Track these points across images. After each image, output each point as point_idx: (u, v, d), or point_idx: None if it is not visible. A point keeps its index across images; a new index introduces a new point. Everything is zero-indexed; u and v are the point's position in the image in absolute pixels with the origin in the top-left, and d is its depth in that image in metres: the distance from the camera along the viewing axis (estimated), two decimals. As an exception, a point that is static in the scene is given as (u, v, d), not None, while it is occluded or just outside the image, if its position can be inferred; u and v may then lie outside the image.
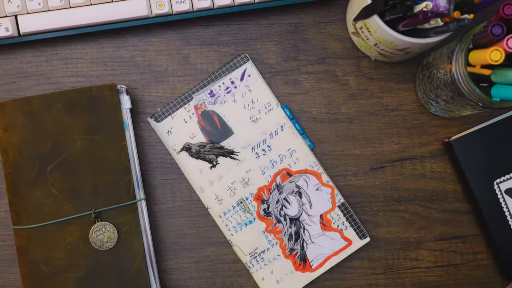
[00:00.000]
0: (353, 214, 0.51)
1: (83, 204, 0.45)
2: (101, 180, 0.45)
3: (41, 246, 0.44)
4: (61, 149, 0.45)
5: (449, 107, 0.48)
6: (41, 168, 0.44)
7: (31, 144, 0.44)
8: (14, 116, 0.44)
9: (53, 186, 0.44)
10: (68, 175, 0.45)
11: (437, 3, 0.40)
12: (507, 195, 0.51)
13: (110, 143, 0.45)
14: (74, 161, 0.45)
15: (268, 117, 0.52)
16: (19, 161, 0.44)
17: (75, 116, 0.45)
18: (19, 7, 0.48)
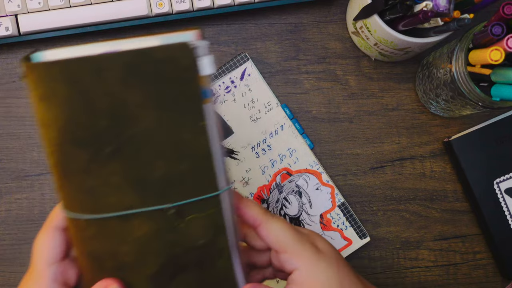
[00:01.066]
0: (353, 213, 0.51)
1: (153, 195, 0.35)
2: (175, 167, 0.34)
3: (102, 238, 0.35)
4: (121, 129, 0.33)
5: (449, 106, 0.48)
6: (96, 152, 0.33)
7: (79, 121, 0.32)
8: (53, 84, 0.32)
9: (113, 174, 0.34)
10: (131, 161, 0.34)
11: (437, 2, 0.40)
12: (507, 194, 0.51)
13: (186, 122, 0.33)
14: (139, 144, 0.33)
15: (268, 117, 0.52)
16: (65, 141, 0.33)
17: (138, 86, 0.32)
18: (19, 6, 0.49)
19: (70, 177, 0.34)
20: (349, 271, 0.38)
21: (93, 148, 0.33)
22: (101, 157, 0.33)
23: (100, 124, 0.32)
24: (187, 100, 0.33)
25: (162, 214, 0.35)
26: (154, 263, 0.36)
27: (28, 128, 0.52)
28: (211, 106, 0.33)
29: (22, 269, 0.51)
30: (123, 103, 0.32)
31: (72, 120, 0.32)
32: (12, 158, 0.52)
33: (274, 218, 0.38)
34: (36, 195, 0.52)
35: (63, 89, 0.31)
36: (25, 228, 0.51)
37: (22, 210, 0.51)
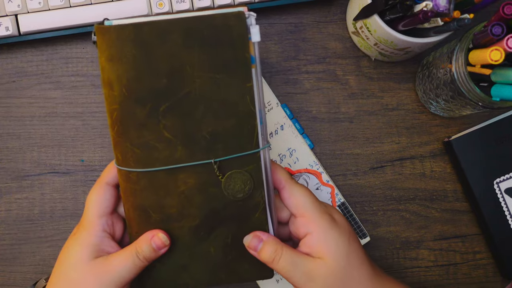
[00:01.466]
0: (353, 213, 0.51)
1: (200, 150, 0.38)
2: (221, 125, 0.38)
3: (150, 191, 0.39)
4: (177, 88, 0.37)
5: (449, 106, 0.48)
6: (153, 108, 0.37)
7: (141, 79, 0.37)
8: (121, 45, 0.36)
9: (166, 129, 0.38)
10: (183, 118, 0.37)
11: (437, 2, 0.40)
12: (507, 194, 0.51)
13: (234, 83, 0.37)
14: (191, 102, 0.37)
15: (268, 117, 0.52)
16: (127, 99, 0.37)
17: (194, 49, 0.36)
18: (19, 6, 0.49)
19: (127, 133, 0.38)
20: (358, 246, 0.40)
21: (151, 104, 0.37)
22: (157, 113, 0.37)
23: (160, 83, 0.37)
24: (237, 63, 0.37)
25: (207, 168, 0.38)
26: (196, 216, 0.39)
27: (28, 128, 0.52)
28: (256, 70, 0.38)
29: (22, 269, 0.51)
30: (181, 64, 0.37)
31: (135, 79, 0.37)
32: (12, 158, 0.52)
33: (298, 184, 0.41)
34: (36, 195, 0.52)
35: (131, 50, 0.36)
36: (25, 228, 0.51)
37: (22, 210, 0.51)
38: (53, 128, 0.52)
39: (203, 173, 0.39)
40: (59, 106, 0.52)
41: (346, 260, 0.38)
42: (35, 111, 0.52)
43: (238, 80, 0.37)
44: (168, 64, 0.37)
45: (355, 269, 0.38)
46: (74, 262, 0.38)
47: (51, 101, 0.52)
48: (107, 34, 0.36)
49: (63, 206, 0.52)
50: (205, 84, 0.37)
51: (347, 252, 0.38)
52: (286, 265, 0.38)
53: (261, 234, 0.39)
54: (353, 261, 0.38)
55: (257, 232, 0.40)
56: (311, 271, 0.38)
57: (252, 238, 0.39)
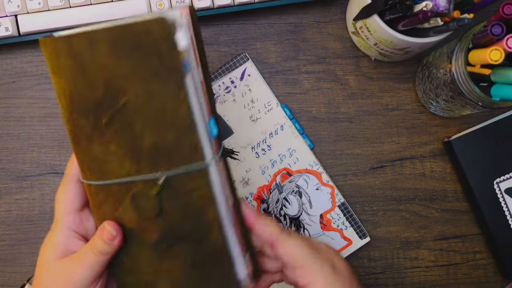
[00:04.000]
0: (353, 213, 0.51)
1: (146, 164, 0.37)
2: (162, 138, 0.36)
3: (108, 205, 0.38)
4: (113, 99, 0.36)
5: (449, 106, 0.48)
6: (96, 120, 0.36)
7: (80, 91, 0.36)
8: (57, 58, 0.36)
9: (111, 142, 0.36)
10: (125, 130, 0.36)
11: (437, 2, 0.40)
12: (507, 194, 0.51)
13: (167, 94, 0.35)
14: (129, 114, 0.36)
15: (268, 117, 0.52)
16: (72, 111, 0.37)
17: (123, 59, 0.35)
18: (19, 6, 0.49)
19: (80, 145, 0.37)
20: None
21: (93, 117, 0.36)
22: (100, 125, 0.36)
23: (97, 95, 0.36)
24: (167, 71, 0.35)
25: (155, 183, 0.37)
26: (153, 232, 0.38)
27: (27, 129, 0.52)
28: (192, 78, 0.35)
29: (22, 269, 0.51)
30: (113, 75, 0.35)
31: (75, 91, 0.36)
32: (12, 158, 0.52)
33: (290, 234, 0.39)
34: (36, 195, 0.52)
35: (66, 62, 0.36)
36: (25, 229, 0.51)
37: (22, 210, 0.51)
38: (53, 128, 0.52)
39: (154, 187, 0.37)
40: (58, 107, 0.52)
41: None
42: (35, 112, 0.52)
43: (170, 89, 0.35)
44: (101, 75, 0.35)
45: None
46: (43, 263, 0.38)
47: (51, 101, 0.52)
48: (47, 47, 0.36)
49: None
50: (139, 96, 0.35)
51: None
52: None
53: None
54: None
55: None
56: None
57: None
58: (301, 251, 0.38)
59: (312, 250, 0.38)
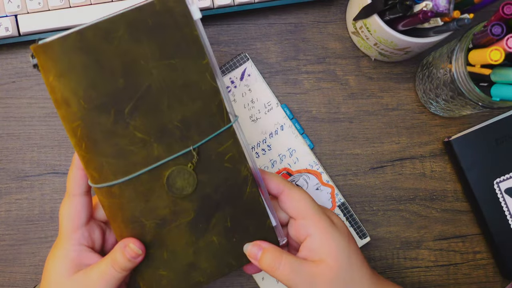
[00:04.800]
0: (353, 213, 0.51)
1: (176, 141, 0.37)
2: (189, 109, 0.37)
3: (138, 199, 0.37)
4: (136, 84, 0.36)
5: (449, 106, 0.48)
6: (118, 112, 0.35)
7: (97, 86, 0.35)
8: (68, 57, 0.34)
9: (137, 129, 0.36)
10: (151, 113, 0.36)
11: (437, 2, 0.40)
12: (507, 194, 0.51)
13: (190, 64, 0.37)
14: (154, 95, 0.36)
15: (268, 117, 0.52)
16: (88, 110, 0.35)
17: (143, 41, 0.35)
18: (19, 6, 0.49)
19: (97, 146, 0.36)
20: (357, 248, 0.40)
21: (114, 109, 0.35)
22: (124, 116, 0.36)
23: (118, 84, 0.35)
24: (188, 43, 0.36)
25: (189, 157, 0.37)
26: (190, 210, 0.38)
27: (27, 129, 0.52)
28: (207, 47, 0.37)
29: (22, 269, 0.51)
30: (134, 59, 0.35)
31: (92, 87, 0.35)
32: (12, 158, 0.52)
33: (296, 187, 0.40)
34: (36, 195, 0.52)
35: (80, 58, 0.34)
36: (25, 229, 0.51)
37: (22, 210, 0.51)
38: (53, 128, 0.52)
39: (185, 163, 0.37)
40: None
41: (348, 261, 0.38)
42: (35, 112, 0.52)
43: (193, 60, 0.37)
44: (120, 63, 0.35)
45: (356, 271, 0.38)
46: (56, 279, 0.38)
47: (50, 101, 0.52)
48: (49, 51, 0.34)
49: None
50: (163, 73, 0.36)
51: (348, 254, 0.38)
52: (286, 273, 0.37)
53: (261, 243, 0.39)
54: (354, 262, 0.38)
55: (257, 242, 0.39)
56: (313, 276, 0.37)
57: (252, 246, 0.39)
58: (304, 203, 0.39)
59: (314, 204, 0.40)
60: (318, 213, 0.39)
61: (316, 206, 0.40)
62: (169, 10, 0.36)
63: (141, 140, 0.36)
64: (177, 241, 0.39)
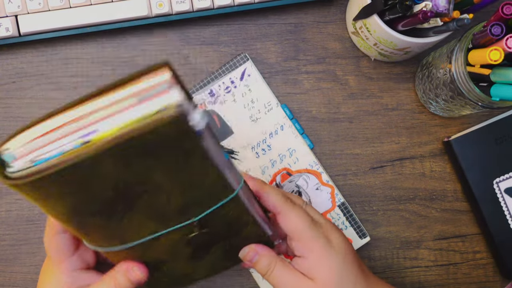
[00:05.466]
0: (353, 213, 0.51)
1: (174, 219, 0.35)
2: (190, 196, 0.33)
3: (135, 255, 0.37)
4: (129, 194, 0.31)
5: (448, 106, 0.48)
6: (111, 214, 0.32)
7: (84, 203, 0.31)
8: (46, 192, 0.29)
9: (132, 221, 0.33)
10: (148, 209, 0.33)
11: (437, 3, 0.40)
12: (507, 194, 0.51)
13: (191, 167, 0.31)
14: (151, 196, 0.32)
15: (268, 117, 0.52)
16: (74, 219, 0.32)
17: (136, 164, 0.29)
18: (19, 7, 0.49)
19: (89, 236, 0.34)
20: (353, 263, 0.39)
21: (105, 214, 0.32)
22: (117, 214, 0.32)
23: (107, 197, 0.30)
24: (189, 157, 0.30)
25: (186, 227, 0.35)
26: (188, 251, 0.38)
27: (28, 129, 0.52)
28: (206, 138, 0.29)
29: (22, 269, 0.51)
30: (125, 179, 0.30)
31: (76, 207, 0.31)
32: (12, 158, 0.52)
33: (294, 208, 0.40)
34: (36, 195, 0.52)
35: (60, 191, 0.29)
36: (25, 229, 0.51)
37: (22, 210, 0.52)
38: (53, 128, 0.52)
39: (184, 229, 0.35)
40: None
41: (339, 281, 0.38)
42: (35, 112, 0.52)
43: (195, 163, 0.30)
44: (109, 184, 0.30)
45: None
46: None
47: (51, 101, 0.52)
48: (23, 189, 0.28)
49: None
50: (160, 181, 0.31)
51: (340, 275, 0.38)
52: (277, 279, 0.38)
53: (257, 248, 0.39)
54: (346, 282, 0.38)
55: (252, 246, 0.40)
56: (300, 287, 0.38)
57: (248, 251, 0.39)
58: (299, 225, 0.39)
59: (310, 225, 0.39)
60: (313, 236, 0.39)
61: (313, 227, 0.39)
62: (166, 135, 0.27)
63: (138, 225, 0.34)
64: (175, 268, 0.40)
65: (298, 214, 0.39)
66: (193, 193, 0.33)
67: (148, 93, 0.26)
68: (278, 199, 0.40)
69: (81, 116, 0.26)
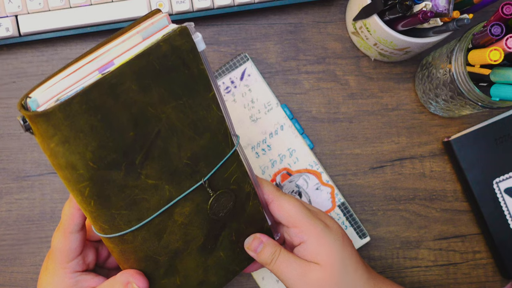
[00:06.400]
0: (353, 213, 0.51)
1: (186, 178, 0.36)
2: (198, 144, 0.36)
3: (151, 240, 0.37)
4: (146, 133, 0.33)
5: (448, 106, 0.48)
6: (129, 165, 0.33)
7: (107, 144, 0.32)
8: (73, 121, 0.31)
9: (148, 177, 0.34)
10: (162, 158, 0.34)
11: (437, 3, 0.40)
12: (507, 194, 0.51)
13: (197, 100, 0.35)
14: (164, 139, 0.34)
15: (268, 117, 0.52)
16: (97, 170, 0.33)
17: (151, 88, 0.33)
18: (19, 7, 0.49)
19: (107, 202, 0.34)
20: (352, 250, 0.40)
21: (125, 163, 0.33)
22: (135, 167, 0.34)
23: (127, 137, 0.33)
24: (194, 80, 0.34)
25: (197, 190, 0.37)
26: (200, 236, 0.39)
27: (28, 129, 0.52)
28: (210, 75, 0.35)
29: (23, 269, 0.51)
30: (142, 108, 0.33)
31: (100, 148, 0.32)
32: (13, 158, 0.52)
33: (285, 195, 0.40)
34: (36, 195, 0.52)
35: (87, 121, 0.31)
36: (25, 228, 0.51)
37: (22, 210, 0.52)
38: (53, 128, 0.52)
39: (196, 196, 0.37)
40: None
41: (341, 266, 0.38)
42: (35, 112, 0.52)
43: (200, 95, 0.35)
44: (129, 115, 0.32)
45: (349, 274, 0.38)
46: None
47: (51, 101, 0.52)
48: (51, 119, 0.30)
49: (63, 207, 0.52)
50: (172, 116, 0.34)
51: (342, 258, 0.38)
52: (282, 267, 0.38)
53: (261, 237, 0.40)
54: (348, 266, 0.38)
55: (257, 235, 0.40)
56: (306, 274, 0.38)
57: (253, 240, 0.40)
58: (294, 211, 0.39)
59: (306, 211, 0.40)
60: (310, 219, 0.39)
61: (308, 212, 0.39)
62: (176, 50, 0.33)
63: (153, 186, 0.35)
64: (188, 266, 0.39)
65: (290, 200, 0.40)
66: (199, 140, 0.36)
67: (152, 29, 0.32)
68: (270, 189, 0.40)
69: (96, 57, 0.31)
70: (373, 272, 0.41)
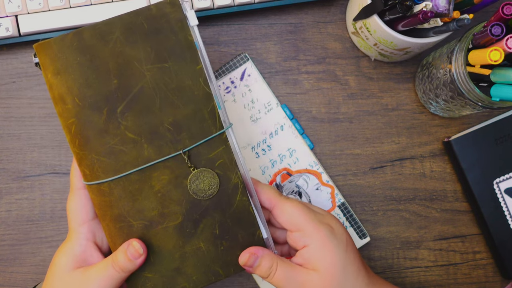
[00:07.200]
0: (353, 214, 0.51)
1: (166, 144, 0.38)
2: (181, 113, 0.38)
3: (126, 199, 0.38)
4: (129, 85, 0.37)
5: (448, 106, 0.48)
6: (110, 111, 0.37)
7: (92, 85, 0.36)
8: (65, 55, 0.36)
9: (128, 129, 0.37)
10: (142, 114, 0.37)
11: (437, 3, 0.40)
12: (507, 194, 0.51)
13: (184, 69, 0.38)
14: (147, 96, 0.37)
15: (268, 117, 0.52)
16: (82, 108, 0.36)
17: (138, 43, 0.37)
18: (19, 7, 0.49)
19: (89, 144, 0.37)
20: (355, 256, 0.39)
21: (107, 108, 0.37)
22: (116, 115, 0.37)
23: (111, 84, 0.37)
24: (182, 48, 0.38)
25: (178, 161, 0.38)
26: (178, 213, 0.39)
27: (28, 129, 0.52)
28: (201, 54, 0.39)
29: (23, 269, 0.51)
30: (128, 61, 0.37)
31: (86, 86, 0.37)
32: (13, 158, 0.52)
33: (288, 199, 0.40)
34: (36, 195, 0.52)
35: (76, 57, 0.36)
36: (25, 229, 0.51)
37: (22, 210, 0.52)
38: (53, 128, 0.52)
39: (175, 167, 0.38)
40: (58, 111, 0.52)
41: (342, 273, 0.38)
42: (35, 112, 0.52)
43: (187, 64, 0.38)
44: (115, 64, 0.37)
45: (349, 281, 0.38)
46: (57, 272, 0.38)
47: (51, 102, 0.52)
48: (49, 49, 0.36)
49: (63, 207, 0.52)
50: (156, 76, 0.37)
51: (344, 265, 0.38)
52: (280, 279, 0.38)
53: (256, 251, 0.39)
54: (349, 273, 0.38)
55: (251, 249, 0.39)
56: (305, 283, 0.37)
57: (249, 257, 0.38)
58: (298, 215, 0.39)
59: (310, 214, 0.39)
60: (315, 223, 0.38)
61: (312, 215, 0.39)
62: (165, 15, 0.37)
63: (132, 141, 0.37)
64: (163, 244, 0.39)
65: (293, 204, 0.39)
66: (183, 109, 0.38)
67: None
68: (272, 194, 0.40)
69: None
70: (375, 277, 0.41)
